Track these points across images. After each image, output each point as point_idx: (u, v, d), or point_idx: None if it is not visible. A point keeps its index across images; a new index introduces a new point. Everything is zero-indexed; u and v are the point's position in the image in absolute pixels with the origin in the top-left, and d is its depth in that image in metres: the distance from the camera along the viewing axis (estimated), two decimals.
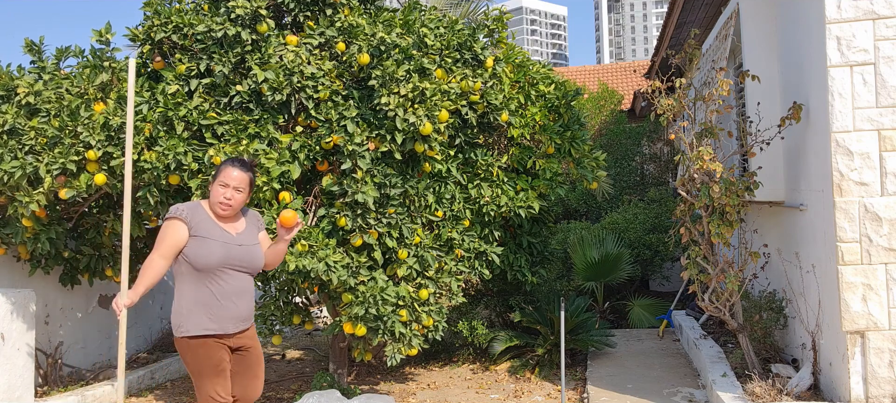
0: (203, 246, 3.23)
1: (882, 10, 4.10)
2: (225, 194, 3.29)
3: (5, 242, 5.26)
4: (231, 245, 3.29)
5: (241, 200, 3.34)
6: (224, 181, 3.30)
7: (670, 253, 8.87)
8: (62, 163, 4.60)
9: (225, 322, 3.26)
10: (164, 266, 3.22)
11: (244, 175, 3.34)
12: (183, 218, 3.25)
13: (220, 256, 3.24)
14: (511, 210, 5.26)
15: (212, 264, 3.22)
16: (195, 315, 3.22)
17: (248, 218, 3.48)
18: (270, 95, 4.66)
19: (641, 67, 18.96)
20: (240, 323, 3.32)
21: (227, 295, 3.26)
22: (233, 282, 3.28)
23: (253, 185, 3.43)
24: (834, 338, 4.28)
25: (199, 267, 3.21)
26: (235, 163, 3.35)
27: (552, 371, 6.04)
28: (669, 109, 4.93)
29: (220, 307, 3.24)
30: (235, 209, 3.34)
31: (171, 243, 3.22)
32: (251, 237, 3.41)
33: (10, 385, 4.98)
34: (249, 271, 3.37)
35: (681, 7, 7.23)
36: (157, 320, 7.17)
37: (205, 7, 5.01)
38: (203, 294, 3.24)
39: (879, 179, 4.09)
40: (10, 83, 4.97)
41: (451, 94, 4.90)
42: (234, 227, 3.37)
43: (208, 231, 3.27)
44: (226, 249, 3.26)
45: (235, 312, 3.29)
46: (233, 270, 3.29)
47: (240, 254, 3.31)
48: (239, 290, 3.31)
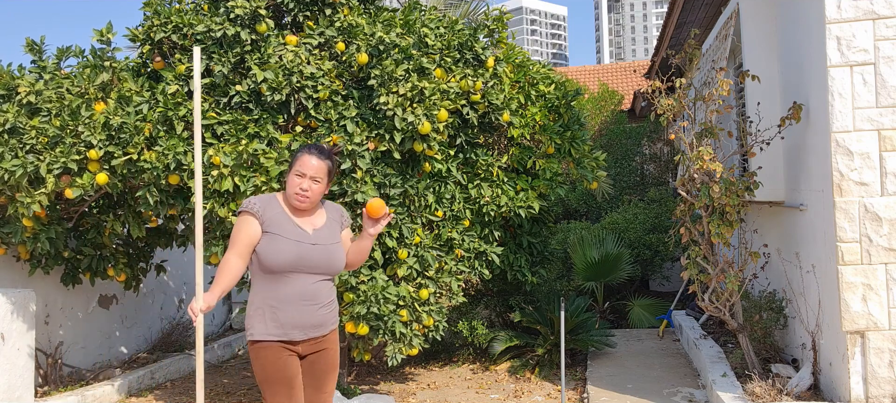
0: (274, 244, 2.91)
1: (882, 10, 4.10)
2: (302, 185, 2.95)
3: (5, 242, 5.27)
4: (304, 244, 2.95)
5: (319, 191, 3.00)
6: (300, 170, 2.96)
7: (670, 253, 8.87)
8: (63, 163, 4.60)
9: (290, 328, 2.94)
10: (240, 265, 2.92)
11: (323, 163, 3.00)
12: (254, 213, 2.95)
13: (292, 257, 2.91)
14: (511, 210, 5.26)
15: (282, 265, 2.91)
16: (261, 318, 2.95)
17: (328, 212, 3.13)
18: (270, 95, 4.67)
19: (641, 67, 18.95)
20: (309, 330, 2.99)
21: (293, 300, 2.94)
22: (302, 286, 2.94)
23: (332, 175, 3.08)
24: (834, 338, 4.28)
25: (270, 267, 2.91)
26: (313, 151, 3.00)
27: (552, 371, 6.04)
28: (669, 109, 4.93)
29: (285, 312, 2.93)
30: (314, 201, 3.00)
31: (245, 240, 2.92)
32: (330, 235, 3.05)
33: (10, 385, 4.98)
34: (325, 274, 3.01)
35: (681, 7, 7.23)
36: (157, 320, 7.17)
37: (204, 7, 5.01)
38: (270, 296, 2.94)
39: (879, 179, 4.09)
40: (11, 82, 4.97)
41: (450, 94, 4.90)
42: (311, 223, 3.03)
43: (281, 227, 2.95)
44: (298, 249, 2.93)
45: (302, 318, 2.95)
46: (304, 273, 2.95)
47: (314, 255, 2.96)
48: (309, 295, 2.96)
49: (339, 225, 3.12)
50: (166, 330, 7.19)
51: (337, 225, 3.11)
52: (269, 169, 4.53)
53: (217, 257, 4.68)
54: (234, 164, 4.47)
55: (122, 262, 5.61)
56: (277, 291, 2.93)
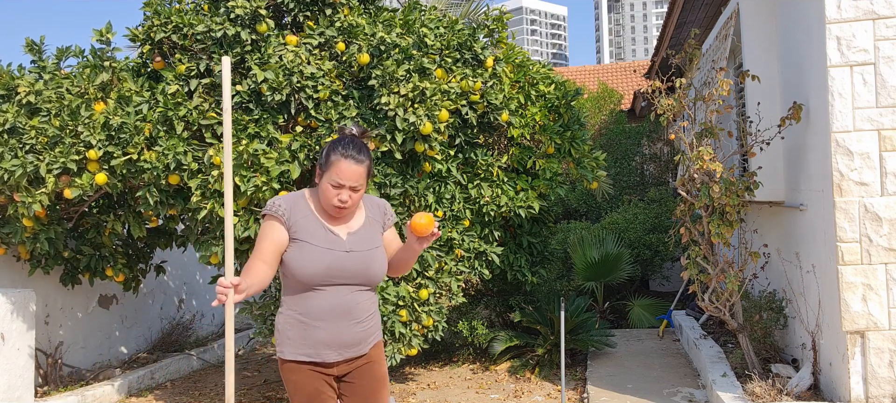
0: (302, 253, 2.52)
1: (882, 10, 4.10)
2: (340, 197, 2.53)
3: (5, 242, 5.27)
4: (337, 252, 2.54)
5: (358, 199, 2.59)
6: (337, 179, 2.52)
7: (670, 253, 8.87)
8: (63, 163, 4.60)
9: (321, 348, 2.55)
10: (267, 271, 2.51)
11: (361, 168, 2.54)
12: (279, 217, 2.55)
13: (322, 268, 2.51)
14: (511, 210, 5.26)
15: (312, 277, 2.51)
16: (290, 335, 2.57)
17: (368, 209, 2.70)
18: (270, 95, 4.67)
19: (641, 67, 18.96)
20: (344, 350, 2.58)
21: (325, 315, 2.54)
22: (335, 299, 2.55)
23: (371, 172, 2.64)
24: (834, 338, 4.28)
25: (300, 279, 2.53)
26: (349, 152, 2.53)
27: (552, 371, 6.03)
28: (669, 109, 4.93)
29: (316, 329, 2.54)
30: (353, 209, 2.61)
31: (269, 248, 2.53)
32: (369, 238, 2.62)
33: (10, 385, 4.98)
34: (362, 284, 2.59)
35: (681, 7, 7.23)
36: (157, 320, 7.17)
37: (205, 7, 5.01)
38: (299, 310, 2.56)
39: (879, 179, 4.09)
40: (11, 82, 4.97)
41: (451, 94, 4.90)
42: (346, 226, 2.61)
43: (310, 233, 2.54)
44: (330, 258, 2.52)
45: (337, 336, 2.55)
46: (338, 285, 2.55)
47: (348, 265, 2.54)
48: (342, 309, 2.56)
49: (381, 225, 2.70)
50: (166, 330, 7.19)
51: (377, 226, 2.68)
52: (269, 169, 4.53)
53: (217, 257, 4.68)
54: (234, 164, 4.48)
55: (122, 263, 5.61)
56: (307, 305, 2.54)
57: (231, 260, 2.55)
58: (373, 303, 2.68)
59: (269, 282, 2.54)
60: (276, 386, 6.09)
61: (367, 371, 2.66)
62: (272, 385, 6.13)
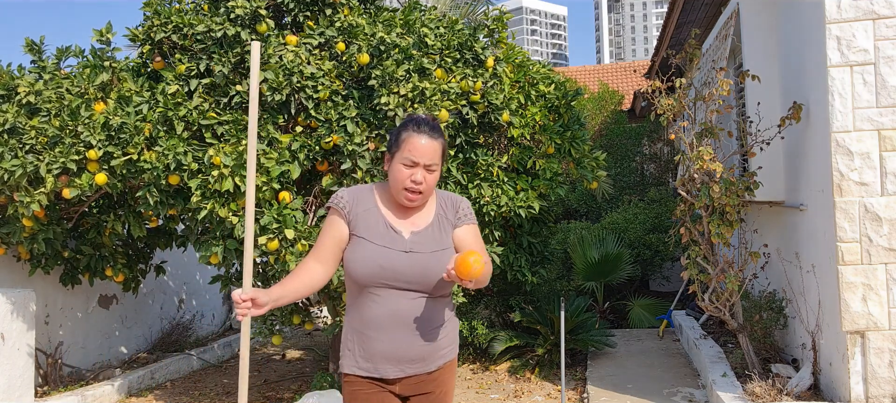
0: (357, 250, 2.28)
1: (882, 10, 4.10)
2: (414, 177, 2.26)
3: (5, 242, 5.27)
4: (393, 251, 2.27)
5: (434, 181, 2.31)
6: (410, 157, 2.25)
7: (670, 253, 8.87)
8: (63, 163, 4.60)
9: (380, 362, 2.28)
10: (320, 271, 2.30)
11: (436, 144, 2.29)
12: (340, 210, 2.32)
13: (374, 267, 2.25)
14: (511, 210, 5.26)
15: (364, 278, 2.26)
16: (349, 345, 2.35)
17: (440, 206, 2.39)
18: (270, 95, 4.66)
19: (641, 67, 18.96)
20: (406, 365, 2.29)
21: (383, 324, 2.27)
22: (394, 306, 2.26)
23: (446, 153, 2.37)
24: (834, 338, 4.28)
25: (354, 279, 2.29)
26: (423, 127, 2.28)
27: (552, 371, 6.04)
28: (669, 109, 4.93)
29: (373, 340, 2.28)
30: (427, 196, 2.33)
31: (328, 244, 2.31)
32: (435, 239, 2.32)
33: (10, 386, 4.98)
34: (423, 291, 2.28)
35: (681, 7, 7.23)
36: (157, 320, 7.17)
37: (205, 7, 5.01)
38: (357, 317, 2.33)
39: (879, 179, 4.09)
40: (11, 82, 4.97)
41: (451, 94, 4.90)
42: (412, 223, 2.33)
43: (370, 229, 2.30)
44: (384, 257, 2.25)
45: (395, 349, 2.28)
46: (395, 289, 2.26)
47: (404, 267, 2.25)
48: (401, 318, 2.26)
49: (451, 224, 2.38)
50: (166, 330, 7.19)
51: (447, 226, 2.37)
52: (269, 169, 4.53)
53: (217, 257, 4.68)
54: (235, 164, 4.47)
55: (122, 263, 5.61)
56: (364, 311, 2.30)
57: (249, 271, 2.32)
58: (441, 314, 2.34)
59: (322, 284, 2.32)
60: (276, 386, 6.09)
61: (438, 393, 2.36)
62: (272, 386, 6.13)
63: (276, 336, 5.18)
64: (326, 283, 2.36)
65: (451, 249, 2.33)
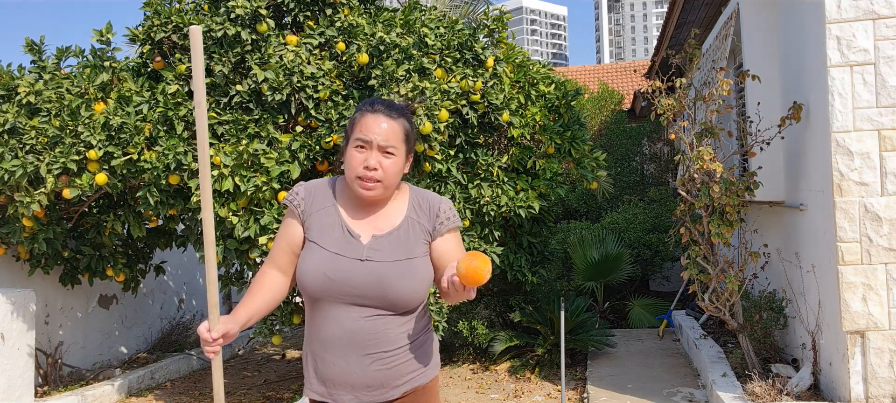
0: (307, 258, 1.97)
1: (882, 10, 4.10)
2: (367, 162, 1.92)
3: (5, 242, 5.27)
4: (346, 259, 1.93)
5: (394, 169, 1.95)
6: (361, 136, 1.93)
7: (670, 253, 8.87)
8: (63, 163, 4.60)
9: (335, 388, 1.95)
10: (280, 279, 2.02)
11: (393, 124, 1.95)
12: (293, 208, 2.02)
13: (320, 277, 1.93)
14: (511, 210, 5.26)
15: (314, 290, 1.94)
16: (306, 366, 2.04)
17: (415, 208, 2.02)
18: (270, 95, 4.67)
19: (641, 67, 18.96)
20: (361, 392, 1.94)
21: (333, 345, 1.94)
22: (344, 323, 1.93)
23: (412, 141, 2.02)
24: (834, 338, 4.28)
25: (303, 292, 1.98)
26: (377, 107, 1.95)
27: (552, 371, 6.03)
28: (669, 109, 4.93)
29: (324, 363, 1.96)
30: (387, 186, 1.96)
31: (282, 246, 2.02)
32: (399, 246, 1.96)
33: (10, 386, 4.98)
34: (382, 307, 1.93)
35: (681, 7, 7.23)
36: (157, 320, 7.17)
37: (205, 7, 5.01)
38: (311, 336, 2.01)
39: (879, 179, 4.09)
40: (11, 82, 4.97)
41: (450, 94, 4.90)
42: (375, 225, 1.99)
43: (323, 231, 1.97)
44: (333, 266, 1.92)
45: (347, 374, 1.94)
46: (346, 304, 1.93)
47: (357, 278, 1.92)
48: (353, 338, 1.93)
49: (427, 230, 2.01)
50: (166, 330, 7.19)
51: (420, 232, 2.00)
52: (269, 169, 4.53)
53: (217, 257, 4.68)
54: (235, 164, 4.48)
55: (122, 263, 5.61)
56: (317, 330, 1.98)
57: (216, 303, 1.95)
58: (404, 335, 1.97)
59: (284, 294, 2.04)
60: (276, 386, 6.09)
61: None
62: (272, 386, 6.13)
63: (276, 336, 5.18)
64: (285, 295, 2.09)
65: (421, 259, 1.97)
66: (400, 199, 2.03)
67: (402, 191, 2.05)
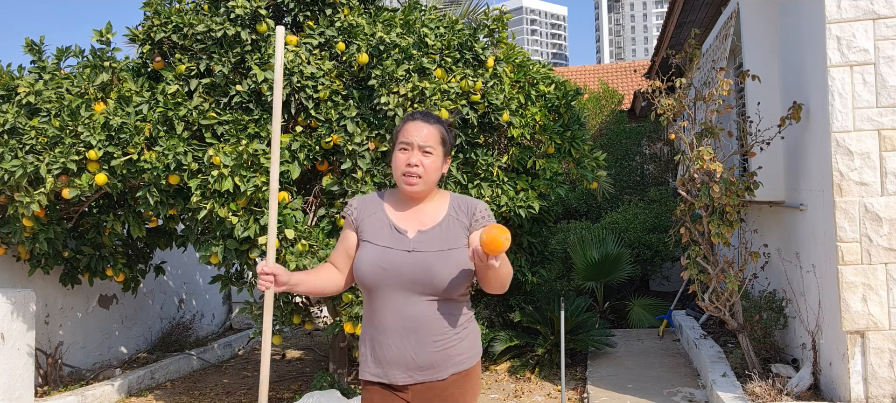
0: (361, 253, 2.28)
1: (882, 10, 4.10)
2: (409, 160, 2.24)
3: (5, 242, 5.27)
4: (396, 251, 2.22)
5: (433, 167, 2.27)
6: (406, 140, 2.26)
7: (670, 253, 8.87)
8: (63, 163, 4.60)
9: (390, 367, 2.22)
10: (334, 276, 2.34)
11: (433, 128, 2.28)
12: (349, 217, 2.36)
13: (372, 267, 2.22)
14: (511, 210, 5.26)
15: (364, 279, 2.24)
16: (363, 351, 2.31)
17: (453, 208, 2.33)
18: (270, 95, 4.66)
19: (641, 67, 18.96)
20: (415, 372, 2.21)
21: (390, 329, 2.21)
22: (400, 309, 2.20)
23: (449, 146, 2.35)
24: (834, 338, 4.28)
25: (360, 283, 2.28)
26: (416, 115, 2.31)
27: (552, 371, 6.03)
28: (669, 109, 4.93)
29: (382, 346, 2.23)
30: (428, 181, 2.27)
31: (339, 250, 2.36)
32: (442, 239, 2.24)
33: (10, 385, 4.98)
34: (428, 293, 2.20)
35: (681, 7, 7.23)
36: (157, 320, 7.17)
37: (205, 7, 5.01)
38: (369, 322, 2.29)
39: (879, 179, 4.09)
40: (11, 83, 4.97)
41: (450, 94, 4.90)
42: (419, 221, 2.29)
43: (375, 231, 2.28)
44: (384, 258, 2.22)
45: (403, 354, 2.21)
46: (399, 291, 2.21)
47: (405, 267, 2.19)
48: (413, 323, 2.19)
49: (465, 226, 2.29)
50: (166, 329, 7.19)
51: (458, 227, 2.28)
52: (269, 169, 4.53)
53: (217, 257, 4.68)
54: (235, 164, 4.47)
55: (122, 263, 5.61)
56: (374, 316, 2.26)
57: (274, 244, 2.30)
58: (452, 322, 2.23)
59: (338, 287, 2.33)
60: (276, 386, 6.09)
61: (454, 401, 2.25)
62: (272, 385, 6.13)
63: (276, 336, 5.18)
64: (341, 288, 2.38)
65: (461, 250, 2.23)
66: (441, 201, 2.35)
67: (443, 195, 2.38)
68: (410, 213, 2.30)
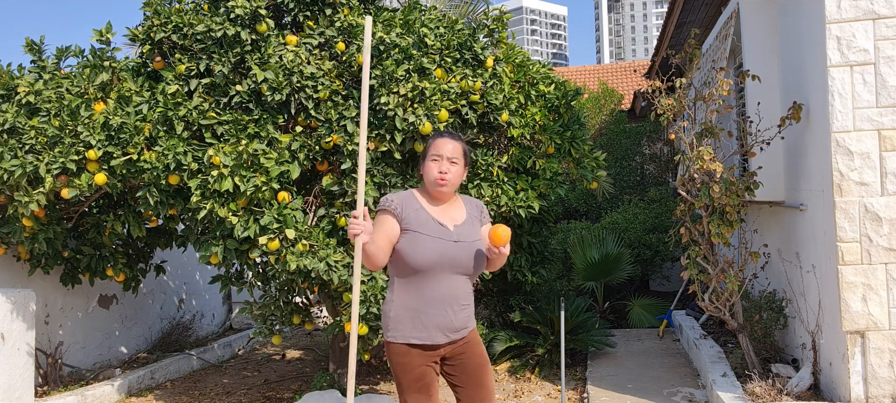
0: (416, 242, 2.79)
1: (882, 10, 4.10)
2: (440, 168, 2.85)
3: (5, 242, 5.27)
4: (446, 241, 2.82)
5: (457, 174, 2.89)
6: (437, 152, 2.87)
7: (670, 253, 8.87)
8: (62, 163, 4.60)
9: (433, 331, 2.82)
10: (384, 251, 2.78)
11: (458, 143, 2.91)
12: (392, 211, 2.84)
13: (435, 255, 2.79)
14: (511, 210, 5.26)
15: (424, 264, 2.78)
16: (402, 320, 2.83)
17: (467, 206, 2.99)
18: (270, 95, 4.66)
19: (641, 67, 18.96)
20: (451, 333, 2.86)
21: (437, 301, 2.82)
22: (446, 286, 2.83)
23: (468, 158, 2.98)
24: (834, 338, 4.28)
25: (413, 266, 2.79)
26: (444, 133, 2.95)
27: (552, 371, 6.03)
28: (669, 109, 4.93)
29: (428, 315, 2.82)
30: (453, 184, 2.89)
31: (384, 234, 2.79)
32: (472, 231, 2.90)
33: (10, 385, 4.98)
34: (466, 273, 2.87)
35: (681, 7, 7.23)
36: (157, 320, 7.17)
37: (205, 7, 5.01)
38: (411, 297, 2.83)
39: (879, 179, 4.09)
40: (11, 82, 4.97)
41: (450, 94, 4.90)
42: (452, 218, 2.91)
43: (422, 224, 2.83)
44: (440, 247, 2.80)
45: (446, 321, 2.83)
46: (448, 272, 2.83)
47: (456, 253, 2.83)
48: (452, 295, 2.84)
49: (479, 221, 2.97)
50: (166, 330, 7.19)
51: (477, 222, 2.95)
52: (269, 169, 4.53)
53: (217, 257, 4.68)
54: (234, 164, 4.47)
55: (122, 262, 5.61)
56: (421, 291, 2.81)
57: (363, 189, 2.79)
58: (470, 291, 2.93)
59: (382, 263, 2.76)
60: (276, 386, 6.09)
61: (471, 351, 2.94)
62: (272, 385, 6.13)
63: (276, 336, 5.18)
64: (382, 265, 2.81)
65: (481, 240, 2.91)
66: (459, 203, 2.99)
67: (458, 199, 3.00)
68: (442, 210, 2.90)
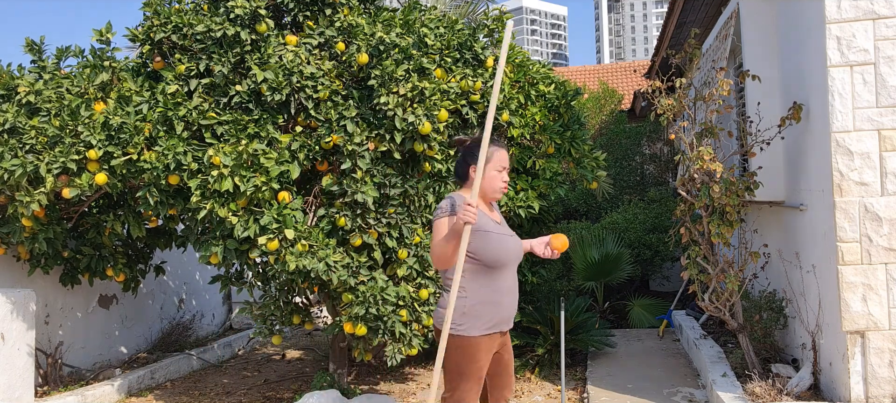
0: (488, 241, 3.02)
1: (882, 10, 4.10)
2: (503, 177, 3.14)
3: (5, 242, 5.27)
4: (506, 237, 3.11)
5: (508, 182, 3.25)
6: (501, 164, 3.14)
7: (670, 253, 8.86)
8: (63, 163, 4.60)
9: (505, 320, 3.11)
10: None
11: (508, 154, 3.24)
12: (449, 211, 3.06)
13: (503, 251, 3.05)
14: (511, 210, 5.26)
15: (499, 260, 3.04)
16: (480, 314, 3.02)
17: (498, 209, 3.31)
18: (270, 95, 4.66)
19: (641, 67, 18.96)
20: (511, 320, 3.17)
21: (506, 292, 3.09)
22: (511, 279, 3.11)
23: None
24: (834, 338, 4.27)
25: (488, 263, 3.02)
26: (503, 146, 3.21)
27: (552, 371, 6.03)
28: (669, 109, 4.93)
29: (503, 306, 3.08)
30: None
31: None
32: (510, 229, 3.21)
33: (10, 385, 4.98)
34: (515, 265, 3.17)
35: (681, 7, 7.23)
36: (157, 320, 7.17)
37: (204, 7, 5.01)
38: (487, 292, 3.04)
39: (879, 179, 4.09)
40: (11, 82, 4.97)
41: (450, 94, 4.90)
42: (497, 217, 3.20)
43: (485, 224, 3.06)
44: (505, 243, 3.08)
45: (512, 311, 3.13)
46: (510, 265, 3.11)
47: (514, 247, 3.13)
48: (515, 286, 3.14)
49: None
50: (166, 329, 7.19)
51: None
52: (269, 169, 4.52)
53: (217, 257, 4.68)
54: (234, 164, 4.47)
55: (122, 263, 5.61)
56: (497, 284, 3.04)
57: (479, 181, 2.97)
58: None
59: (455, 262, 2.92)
60: (276, 386, 6.09)
61: (508, 342, 3.21)
62: (272, 385, 6.13)
63: (276, 336, 5.18)
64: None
65: None
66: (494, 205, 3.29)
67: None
68: (489, 210, 3.16)
